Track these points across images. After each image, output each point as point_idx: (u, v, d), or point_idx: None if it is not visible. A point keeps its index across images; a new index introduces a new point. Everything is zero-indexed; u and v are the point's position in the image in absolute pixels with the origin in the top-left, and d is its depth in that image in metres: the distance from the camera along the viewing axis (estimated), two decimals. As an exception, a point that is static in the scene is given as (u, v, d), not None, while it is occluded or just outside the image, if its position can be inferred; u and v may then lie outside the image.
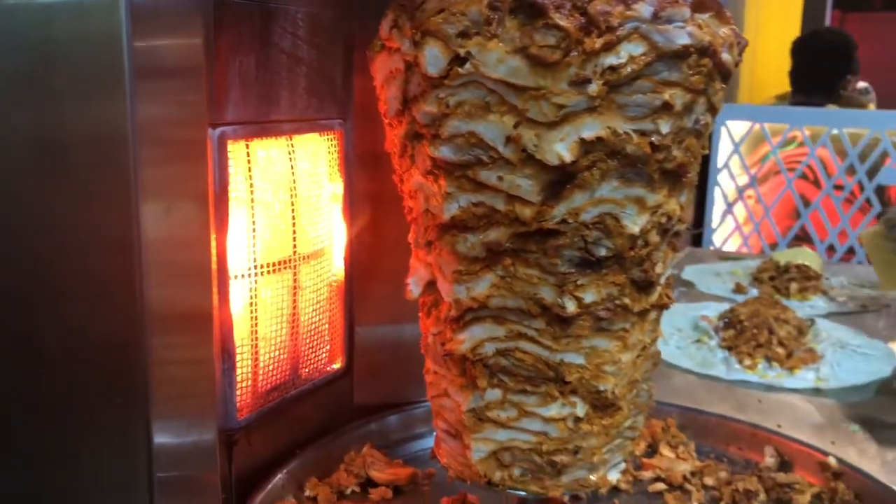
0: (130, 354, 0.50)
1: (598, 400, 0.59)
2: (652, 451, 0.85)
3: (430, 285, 0.61)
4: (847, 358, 1.18)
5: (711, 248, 2.60)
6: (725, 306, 1.30)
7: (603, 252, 0.55)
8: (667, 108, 0.51)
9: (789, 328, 1.18)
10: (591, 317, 0.56)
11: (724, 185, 2.65)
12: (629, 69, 0.49)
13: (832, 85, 2.80)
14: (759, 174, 2.62)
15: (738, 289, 1.55)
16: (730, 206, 2.64)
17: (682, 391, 1.08)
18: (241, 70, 0.68)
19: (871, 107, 3.37)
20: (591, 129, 0.51)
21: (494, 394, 0.59)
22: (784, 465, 0.82)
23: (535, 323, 0.57)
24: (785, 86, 2.95)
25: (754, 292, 1.50)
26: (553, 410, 0.58)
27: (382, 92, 0.58)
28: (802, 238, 2.56)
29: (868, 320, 1.42)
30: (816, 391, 1.08)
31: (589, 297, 0.56)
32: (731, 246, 2.67)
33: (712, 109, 0.55)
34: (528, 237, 0.54)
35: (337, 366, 0.87)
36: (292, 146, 0.76)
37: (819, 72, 2.77)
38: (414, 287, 0.63)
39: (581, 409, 0.58)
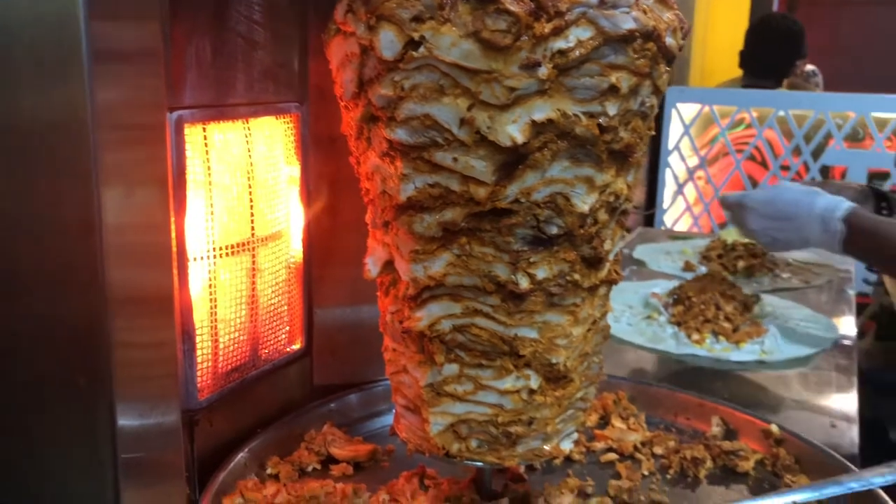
0: (94, 337, 0.50)
1: (551, 372, 0.61)
2: (604, 422, 0.88)
3: (388, 265, 0.63)
4: (790, 331, 1.23)
5: (663, 228, 2.65)
6: (675, 284, 1.34)
7: (554, 230, 0.57)
8: (613, 90, 0.53)
9: (735, 304, 1.22)
10: (543, 292, 0.59)
11: (675, 166, 2.70)
12: (577, 53, 0.51)
13: (783, 69, 2.87)
14: (708, 156, 2.68)
15: (688, 267, 1.59)
16: (680, 187, 2.70)
17: (634, 365, 1.11)
18: (197, 54, 0.69)
19: (818, 89, 3.45)
20: (541, 111, 0.53)
21: (451, 368, 0.61)
22: (729, 433, 0.85)
23: (490, 299, 0.59)
24: (735, 70, 3.01)
25: (703, 270, 1.54)
26: (508, 383, 0.61)
27: (338, 75, 0.59)
28: (750, 217, 2.62)
29: (811, 295, 1.47)
30: (761, 363, 1.12)
31: (541, 273, 0.58)
32: (682, 226, 2.73)
33: (657, 92, 0.57)
34: (482, 216, 0.56)
35: (296, 346, 0.88)
36: (249, 129, 0.77)
37: (771, 56, 2.84)
38: (372, 267, 0.64)
39: (535, 382, 0.61)
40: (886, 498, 0.66)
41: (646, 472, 0.78)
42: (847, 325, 1.30)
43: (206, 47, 0.70)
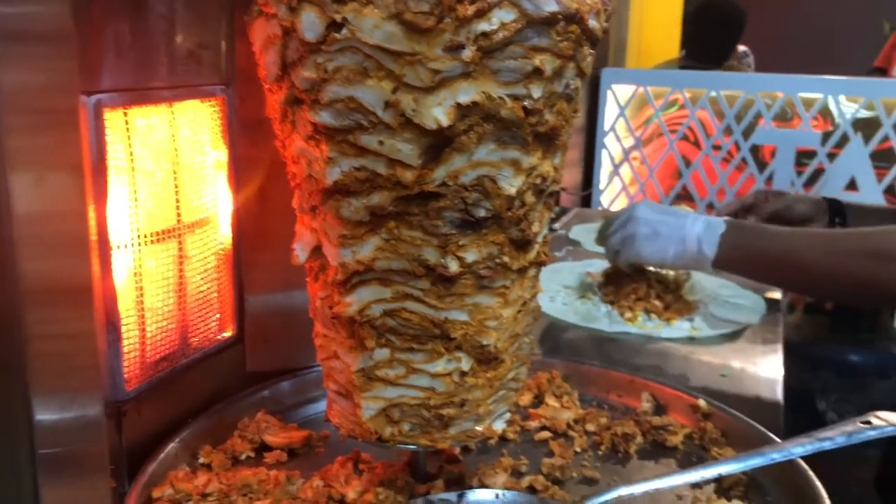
0: (6, 330, 0.49)
1: (482, 354, 0.61)
2: (538, 401, 0.89)
3: (317, 250, 0.62)
4: (719, 308, 1.26)
5: (599, 208, 2.69)
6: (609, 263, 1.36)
7: (482, 213, 0.57)
8: (538, 73, 0.53)
9: (667, 282, 1.25)
10: (473, 275, 0.59)
11: (611, 147, 2.74)
12: (501, 35, 0.51)
13: (725, 52, 2.92)
14: (643, 136, 2.72)
15: (622, 246, 1.61)
16: (616, 168, 2.74)
17: (570, 344, 1.13)
18: (115, 36, 0.66)
19: (750, 70, 3.53)
20: (466, 93, 0.52)
21: (383, 353, 0.61)
22: (659, 408, 0.87)
23: (419, 283, 0.58)
24: (671, 52, 3.06)
25: (637, 249, 1.56)
26: (439, 366, 0.61)
27: (261, 57, 0.58)
28: (684, 196, 2.68)
29: (740, 272, 1.51)
30: (691, 339, 1.15)
31: (470, 256, 0.58)
32: (619, 206, 2.76)
33: (581, 74, 0.58)
34: (410, 200, 0.56)
35: (228, 334, 0.87)
36: (173, 113, 0.75)
37: (714, 40, 2.88)
38: (300, 252, 0.63)
39: (466, 364, 0.61)
40: (806, 467, 0.69)
41: (578, 449, 0.80)
42: (774, 301, 1.34)
43: (125, 29, 0.68)
